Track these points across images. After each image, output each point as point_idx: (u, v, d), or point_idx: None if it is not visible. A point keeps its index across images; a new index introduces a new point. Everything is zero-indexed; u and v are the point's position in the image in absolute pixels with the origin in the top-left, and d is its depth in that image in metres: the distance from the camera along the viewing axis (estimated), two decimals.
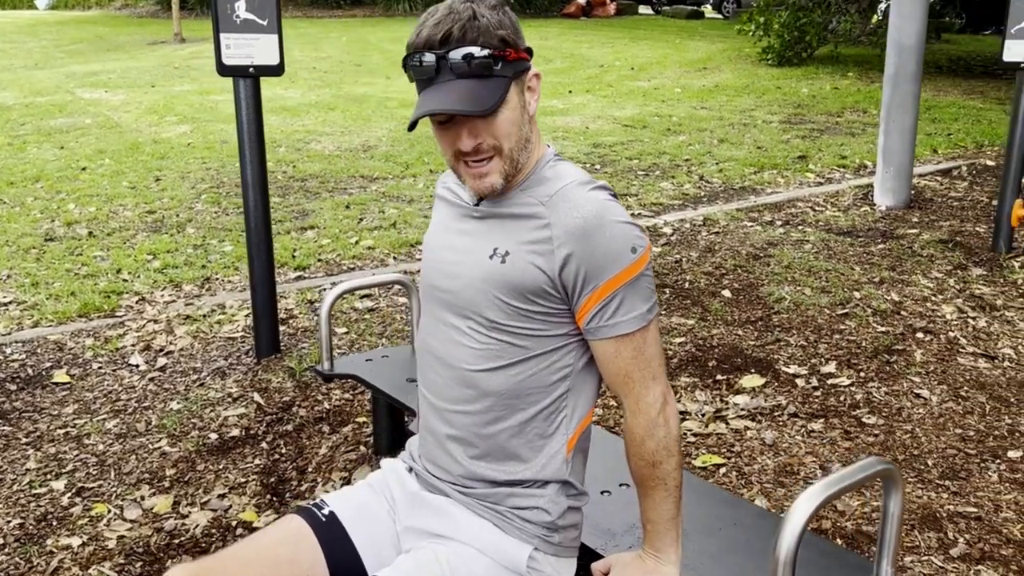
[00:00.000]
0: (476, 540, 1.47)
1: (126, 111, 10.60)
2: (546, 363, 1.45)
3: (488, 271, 1.44)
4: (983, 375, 3.34)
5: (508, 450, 1.48)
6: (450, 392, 1.50)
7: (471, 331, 1.47)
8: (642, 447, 1.42)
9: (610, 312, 1.39)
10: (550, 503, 1.49)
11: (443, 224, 1.58)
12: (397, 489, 1.61)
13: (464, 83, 1.33)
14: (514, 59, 1.36)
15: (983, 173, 6.93)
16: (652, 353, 1.42)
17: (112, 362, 3.65)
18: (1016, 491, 2.58)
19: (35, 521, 2.54)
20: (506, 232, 1.44)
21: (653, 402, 1.41)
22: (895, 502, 1.54)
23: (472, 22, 1.33)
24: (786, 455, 2.82)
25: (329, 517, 1.56)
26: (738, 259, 4.76)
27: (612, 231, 1.36)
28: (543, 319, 1.43)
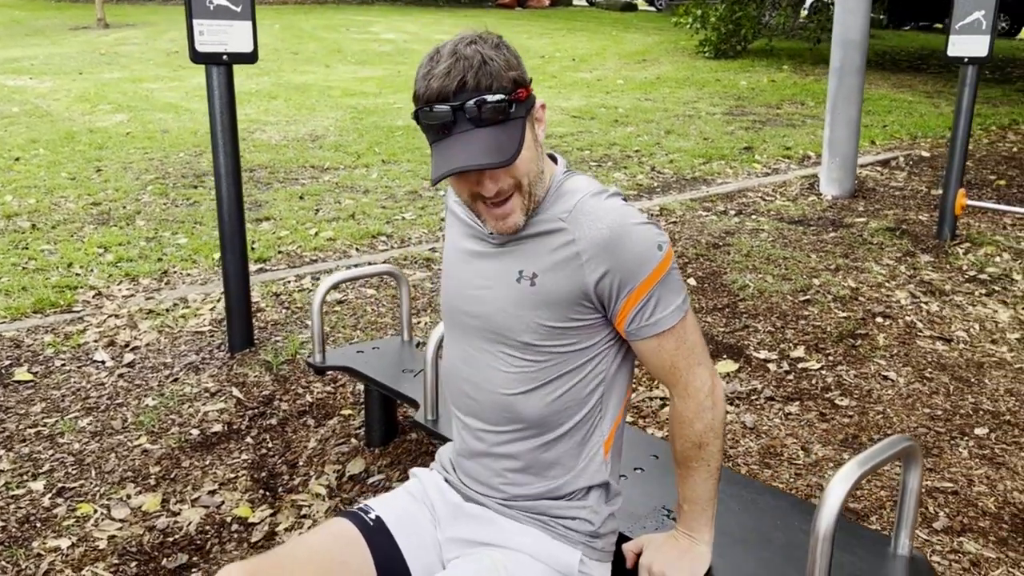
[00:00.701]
0: (526, 547, 1.49)
1: (55, 99, 10.21)
2: (581, 375, 1.47)
3: (519, 295, 1.43)
4: (943, 357, 3.50)
5: (548, 462, 1.50)
6: (486, 415, 1.51)
7: (504, 355, 1.47)
8: (690, 428, 1.45)
9: (649, 311, 1.40)
10: (592, 513, 1.52)
11: (460, 247, 1.55)
12: (438, 499, 1.61)
13: (484, 132, 1.30)
14: (525, 97, 1.35)
15: (919, 163, 7.21)
16: (694, 340, 1.45)
17: (76, 359, 3.53)
18: (986, 466, 2.71)
19: (17, 523, 2.45)
20: (528, 254, 1.43)
21: (701, 386, 1.44)
22: (914, 477, 1.61)
23: (484, 67, 1.29)
24: (767, 437, 2.91)
25: (376, 521, 1.56)
26: (699, 248, 4.86)
27: (637, 235, 1.38)
28: (576, 333, 1.44)
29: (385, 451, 2.76)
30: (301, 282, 4.41)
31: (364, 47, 15.38)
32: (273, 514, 2.48)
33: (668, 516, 1.80)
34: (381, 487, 2.58)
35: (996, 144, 8.08)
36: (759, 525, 1.75)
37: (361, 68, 13.20)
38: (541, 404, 1.46)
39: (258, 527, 2.43)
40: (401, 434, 2.84)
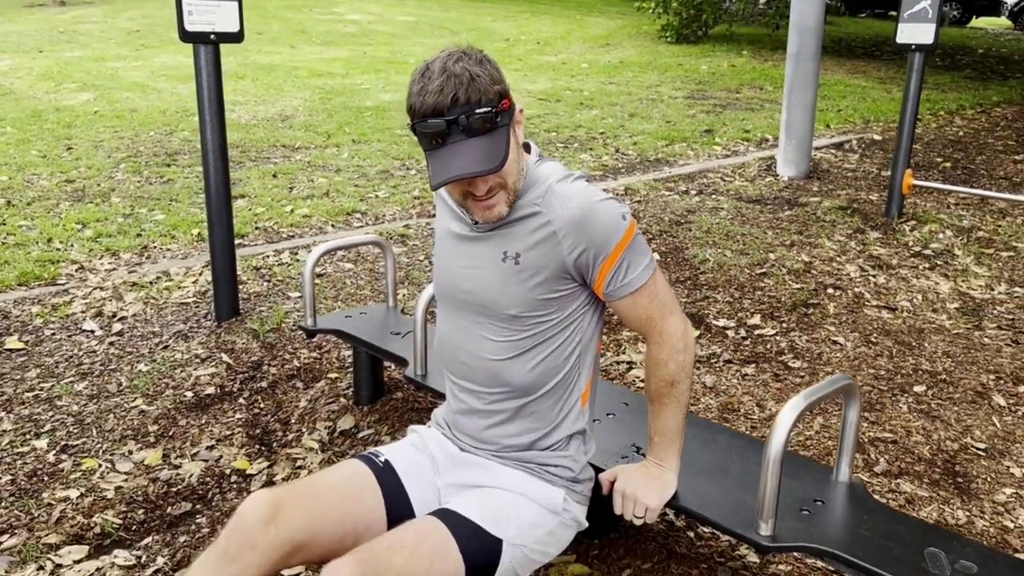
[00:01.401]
0: (518, 487, 1.71)
1: (17, 77, 10.11)
2: (560, 341, 1.69)
3: (504, 273, 1.65)
4: (887, 324, 3.77)
5: (533, 417, 1.72)
6: (478, 378, 1.73)
7: (492, 327, 1.68)
8: (664, 369, 1.66)
9: (622, 274, 1.62)
10: (572, 461, 1.76)
11: (449, 230, 1.76)
12: (437, 451, 1.82)
13: (475, 142, 1.49)
14: (508, 107, 1.55)
15: (871, 146, 7.52)
16: (664, 293, 1.67)
17: (65, 328, 3.65)
18: (923, 419, 2.98)
19: (25, 477, 2.60)
20: (511, 237, 1.64)
21: (673, 331, 1.66)
22: (853, 411, 1.84)
23: (473, 83, 1.47)
24: (726, 395, 3.15)
25: (385, 464, 1.76)
26: (662, 225, 5.09)
27: (602, 211, 1.59)
28: (557, 303, 1.65)
29: (373, 409, 2.95)
30: (280, 256, 4.55)
31: (329, 28, 15.36)
32: (270, 466, 2.66)
33: (637, 452, 2.01)
34: (371, 441, 2.77)
35: (944, 128, 8.43)
36: (717, 459, 1.98)
37: (327, 49, 13.22)
38: (526, 368, 1.68)
39: (256, 477, 2.60)
40: (387, 393, 3.03)
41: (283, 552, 1.54)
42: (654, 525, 2.33)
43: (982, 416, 3.00)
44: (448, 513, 1.61)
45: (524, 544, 1.65)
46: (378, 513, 1.69)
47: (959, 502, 2.52)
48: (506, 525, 1.64)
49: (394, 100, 9.25)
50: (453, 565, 1.55)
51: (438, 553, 1.53)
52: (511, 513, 1.65)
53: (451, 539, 1.56)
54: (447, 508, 1.63)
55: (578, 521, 1.78)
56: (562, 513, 1.72)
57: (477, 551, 1.58)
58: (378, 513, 1.69)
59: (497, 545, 1.61)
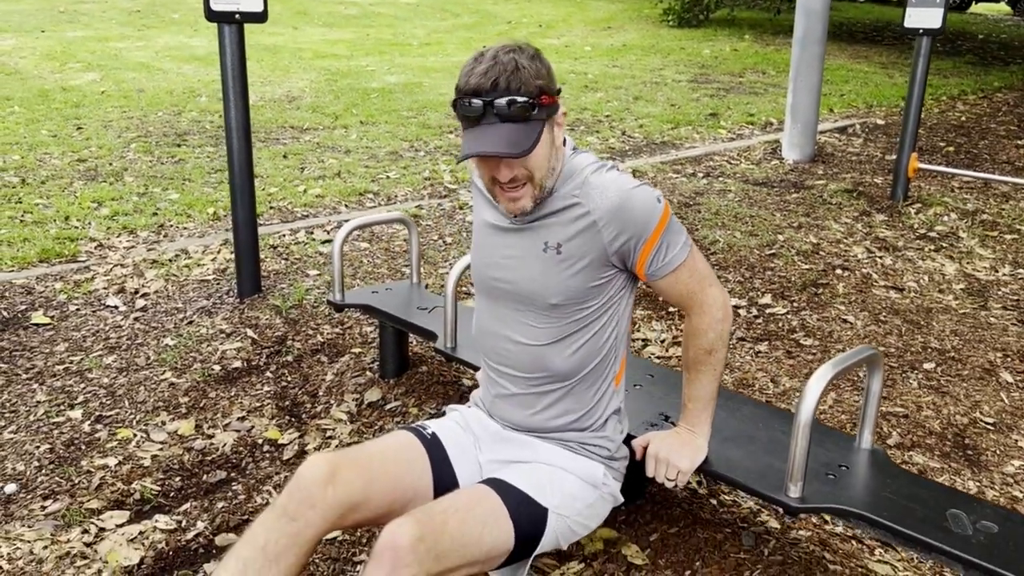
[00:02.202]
0: (558, 461, 1.79)
1: (21, 56, 10.11)
2: (598, 327, 1.76)
3: (546, 263, 1.71)
4: (895, 303, 3.85)
5: (573, 400, 1.79)
6: (518, 364, 1.79)
7: (533, 314, 1.75)
8: (704, 338, 1.74)
9: (663, 254, 1.69)
10: (609, 442, 1.83)
11: (487, 220, 1.82)
12: (479, 428, 1.89)
13: (506, 127, 1.55)
14: (548, 103, 1.61)
15: (875, 131, 7.59)
16: (702, 267, 1.74)
17: (89, 304, 3.71)
18: (933, 394, 3.06)
19: (63, 446, 2.67)
20: (551, 228, 1.70)
21: (713, 302, 1.73)
22: (876, 381, 1.92)
23: (516, 73, 1.54)
24: (740, 372, 3.22)
25: (432, 436, 1.83)
26: (672, 207, 5.14)
27: (639, 197, 1.65)
28: (598, 291, 1.72)
29: (399, 382, 3.02)
30: (296, 235, 4.61)
31: (330, 9, 15.34)
32: (300, 436, 2.73)
33: (666, 420, 2.09)
34: (398, 413, 2.84)
35: (946, 113, 8.50)
36: (744, 427, 2.06)
37: (329, 31, 13.22)
38: (567, 354, 1.75)
39: (288, 447, 2.68)
40: (412, 367, 3.10)
41: (339, 512, 1.61)
42: (679, 492, 2.41)
43: (990, 392, 3.09)
44: (498, 482, 1.69)
45: (567, 515, 1.73)
46: (426, 481, 1.77)
47: (970, 473, 2.60)
48: (551, 495, 1.71)
49: (400, 82, 9.28)
50: (504, 531, 1.62)
51: (490, 518, 1.61)
52: (555, 484, 1.73)
53: (502, 506, 1.64)
54: (496, 477, 1.71)
55: (615, 496, 1.86)
56: (601, 487, 1.80)
57: (526, 518, 1.66)
58: (426, 481, 1.77)
59: (543, 514, 1.69)
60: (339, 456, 1.70)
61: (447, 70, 9.93)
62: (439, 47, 11.88)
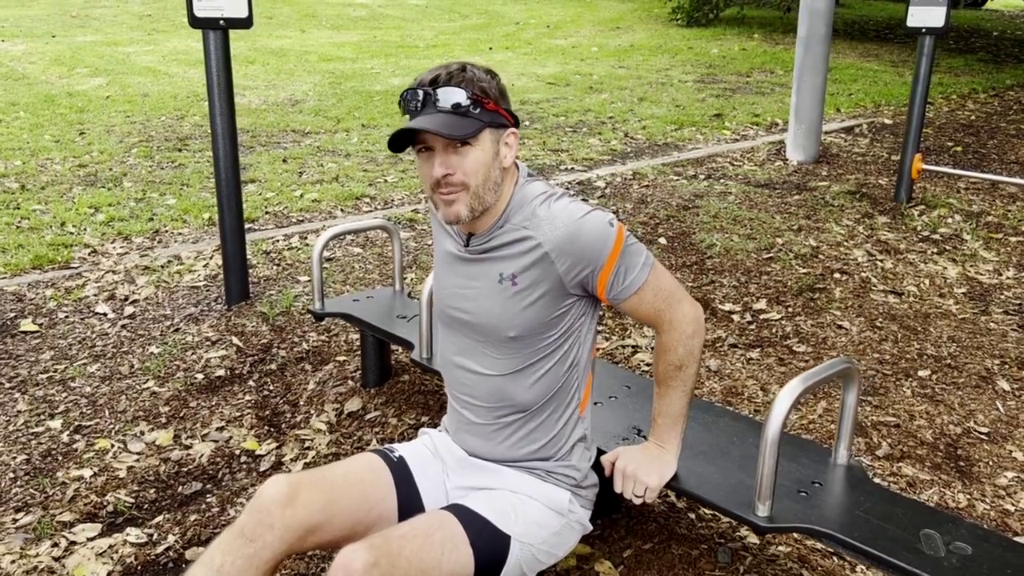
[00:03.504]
0: (524, 488, 1.75)
1: (30, 62, 10.17)
2: (559, 355, 1.72)
3: (502, 296, 1.67)
4: (893, 308, 3.78)
5: (536, 430, 1.75)
6: (480, 395, 1.76)
7: (492, 345, 1.71)
8: (674, 354, 1.69)
9: (622, 278, 1.64)
10: (575, 471, 1.79)
11: (446, 252, 1.79)
12: (447, 454, 1.85)
13: (444, 116, 1.55)
14: (491, 109, 1.59)
15: (882, 131, 7.49)
16: (667, 284, 1.69)
17: (78, 311, 3.70)
18: (926, 403, 2.99)
19: (40, 456, 2.65)
20: (504, 259, 1.67)
21: (683, 318, 1.68)
22: (852, 394, 1.86)
23: (461, 72, 1.57)
24: (730, 379, 3.17)
25: (399, 460, 1.80)
26: (669, 210, 5.10)
27: (589, 225, 1.61)
28: (557, 319, 1.68)
29: (380, 391, 2.99)
30: (290, 241, 4.59)
31: (339, 12, 15.35)
32: (279, 447, 2.70)
33: (639, 434, 2.04)
34: (378, 423, 2.81)
35: (955, 112, 8.38)
36: (718, 441, 2.01)
37: (337, 33, 13.22)
38: (527, 384, 1.71)
39: (265, 458, 2.65)
40: (394, 376, 3.06)
41: (299, 534, 1.58)
42: (655, 506, 2.36)
43: (985, 401, 3.02)
44: (459, 508, 1.65)
45: (531, 543, 1.69)
46: (390, 504, 1.73)
47: (960, 485, 2.54)
48: (514, 523, 1.68)
49: (404, 84, 9.26)
50: (463, 557, 1.58)
51: (449, 544, 1.57)
52: (519, 511, 1.69)
53: (462, 532, 1.60)
54: (459, 503, 1.67)
55: (583, 524, 1.81)
56: (567, 515, 1.75)
57: (487, 545, 1.62)
58: (390, 504, 1.73)
59: (505, 541, 1.65)
60: (301, 477, 1.66)
61: None
62: (446, 48, 11.85)
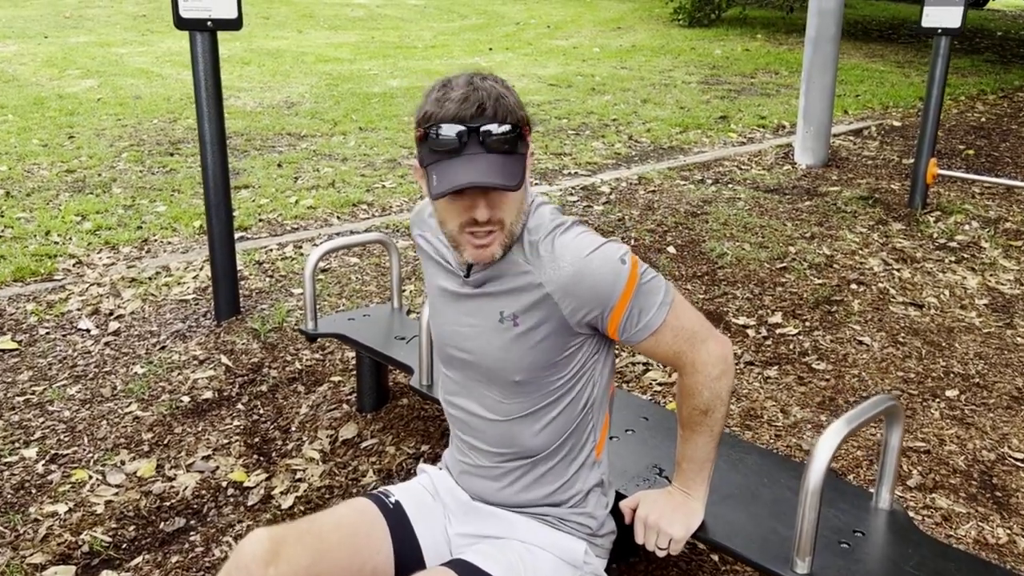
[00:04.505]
0: (535, 538, 1.57)
1: (21, 63, 9.98)
2: (571, 397, 1.54)
3: (504, 336, 1.49)
4: (915, 322, 3.61)
5: (547, 476, 1.58)
6: (485, 439, 1.58)
7: (498, 389, 1.54)
8: (699, 398, 1.51)
9: (636, 319, 1.45)
10: (590, 519, 1.61)
11: (441, 288, 1.59)
12: (448, 498, 1.67)
13: (495, 158, 1.34)
14: (527, 137, 1.41)
15: (891, 133, 7.32)
16: (689, 322, 1.49)
17: (60, 327, 3.52)
18: (956, 426, 2.82)
19: (12, 489, 2.47)
20: (504, 296, 1.48)
21: (707, 359, 1.49)
22: (896, 435, 1.69)
23: (500, 100, 1.35)
24: (748, 400, 2.99)
25: (396, 506, 1.62)
26: (677, 216, 4.93)
27: (597, 263, 1.42)
28: (566, 360, 1.50)
29: (377, 416, 2.81)
30: (284, 250, 4.41)
31: (336, 12, 15.17)
32: (268, 478, 2.53)
33: (660, 474, 1.87)
34: (374, 452, 2.63)
35: (965, 114, 8.21)
36: (747, 482, 1.83)
37: (334, 34, 13.04)
38: (536, 429, 1.54)
39: (254, 491, 2.47)
40: (392, 399, 2.89)
41: None
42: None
43: (1019, 423, 2.85)
44: (464, 565, 1.47)
45: None
46: (385, 557, 1.56)
47: (999, 519, 2.37)
48: None
49: (402, 86, 9.08)
50: None
51: None
52: (529, 565, 1.51)
53: None
54: (463, 559, 1.49)
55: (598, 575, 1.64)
56: (583, 567, 1.58)
57: None
58: (385, 557, 1.56)
59: None
60: (285, 530, 1.49)
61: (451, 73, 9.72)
62: (444, 49, 11.68)
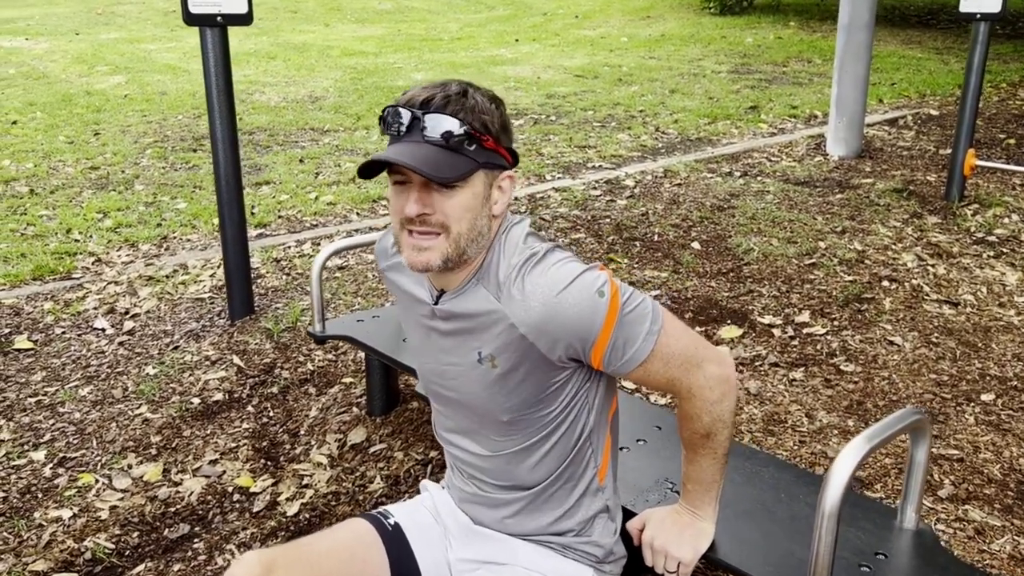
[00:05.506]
0: (539, 566, 1.49)
1: (52, 60, 10.09)
2: (565, 427, 1.44)
3: (485, 380, 1.39)
4: (949, 321, 3.46)
5: (547, 505, 1.49)
6: (479, 469, 1.51)
7: (490, 429, 1.45)
8: (699, 423, 1.41)
9: (620, 352, 1.34)
10: (596, 547, 1.52)
11: (415, 319, 1.50)
12: (450, 520, 1.60)
13: (428, 148, 1.26)
14: (490, 147, 1.30)
15: (928, 122, 7.10)
16: (682, 348, 1.38)
17: (76, 326, 3.51)
18: (992, 432, 2.69)
19: (19, 494, 2.45)
20: (478, 334, 1.38)
21: (705, 383, 1.38)
22: (922, 451, 1.59)
23: (461, 98, 1.29)
24: (771, 404, 2.88)
25: (395, 528, 1.55)
26: (703, 211, 4.80)
27: (571, 300, 1.30)
28: (555, 393, 1.40)
29: (387, 420, 2.74)
30: (302, 247, 4.37)
31: (364, 5, 15.16)
32: (275, 484, 2.48)
33: (672, 489, 1.78)
34: (383, 457, 2.57)
35: (1006, 102, 7.95)
36: (763, 497, 1.74)
37: (361, 27, 13.02)
38: (532, 463, 1.46)
39: (260, 497, 2.42)
40: (402, 403, 2.82)
41: None
42: None
43: None
44: None
45: None
46: None
47: None
48: None
49: (426, 79, 9.01)
50: None
51: None
52: None
53: None
54: None
55: None
56: None
57: None
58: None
59: None
60: (276, 555, 1.42)
61: (477, 66, 9.63)
62: (471, 41, 11.59)
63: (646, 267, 4.01)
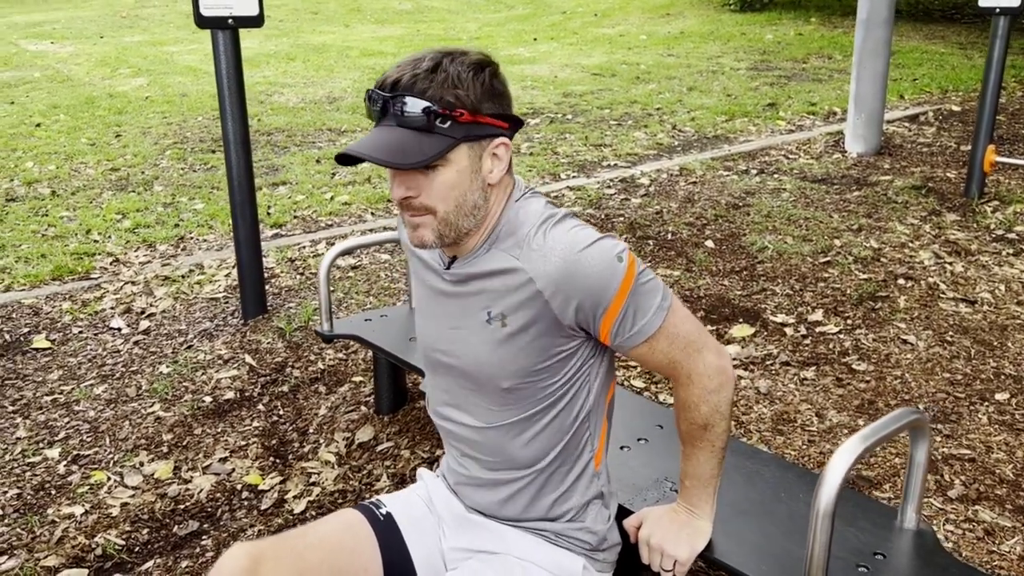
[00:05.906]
0: (531, 555, 1.49)
1: (76, 63, 10.23)
2: (564, 404, 1.44)
3: (491, 339, 1.39)
4: (965, 319, 3.42)
5: (542, 489, 1.49)
6: (475, 450, 1.50)
7: (487, 398, 1.45)
8: (696, 412, 1.41)
9: (630, 323, 1.34)
10: (589, 533, 1.52)
11: (425, 281, 1.51)
12: (443, 509, 1.60)
13: (400, 133, 1.26)
14: (467, 121, 1.28)
15: (949, 118, 7.01)
16: (687, 330, 1.39)
17: (93, 326, 3.56)
18: (1005, 432, 2.66)
19: (32, 491, 2.49)
20: (491, 293, 1.38)
21: (704, 371, 1.39)
22: (922, 451, 1.57)
23: (429, 74, 1.26)
24: (781, 403, 2.87)
25: (387, 518, 1.56)
26: (718, 209, 4.78)
27: (591, 259, 1.31)
28: (560, 367, 1.40)
29: (394, 418, 2.76)
30: (316, 247, 4.40)
31: (384, 5, 15.22)
32: (283, 482, 2.50)
33: (672, 488, 1.78)
34: (389, 455, 2.59)
35: None
36: (762, 496, 1.73)
37: (380, 27, 13.07)
38: (527, 439, 1.45)
39: (268, 495, 2.45)
40: (410, 402, 2.84)
41: None
42: None
43: None
44: None
45: None
46: (374, 573, 1.50)
47: None
48: None
49: None
50: None
51: None
52: None
53: None
54: None
55: None
56: None
57: None
58: (374, 573, 1.50)
59: None
60: (266, 545, 1.44)
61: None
62: (489, 41, 11.60)
63: (659, 265, 3.99)
